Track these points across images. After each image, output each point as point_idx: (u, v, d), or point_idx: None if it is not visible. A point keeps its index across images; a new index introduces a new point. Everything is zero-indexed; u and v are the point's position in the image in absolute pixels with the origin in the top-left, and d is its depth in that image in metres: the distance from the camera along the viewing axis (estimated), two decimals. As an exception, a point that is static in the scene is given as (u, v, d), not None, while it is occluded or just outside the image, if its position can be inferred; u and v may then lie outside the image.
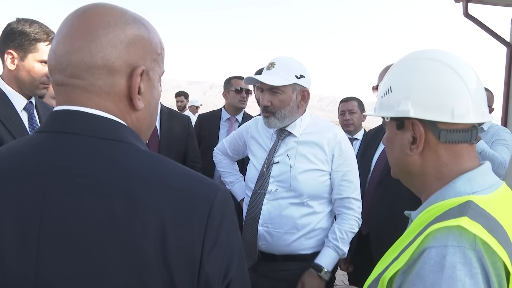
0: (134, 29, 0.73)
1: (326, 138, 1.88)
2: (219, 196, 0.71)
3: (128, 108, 0.75)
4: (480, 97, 0.89)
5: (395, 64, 0.98)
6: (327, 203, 1.94)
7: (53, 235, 0.63)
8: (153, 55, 0.77)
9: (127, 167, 0.67)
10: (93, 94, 0.71)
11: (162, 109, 2.68)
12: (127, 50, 0.71)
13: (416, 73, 0.90)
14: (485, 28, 5.64)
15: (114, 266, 0.63)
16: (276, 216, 1.87)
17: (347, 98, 3.19)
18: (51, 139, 0.69)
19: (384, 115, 0.95)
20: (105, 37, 0.70)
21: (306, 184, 1.85)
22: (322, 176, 1.88)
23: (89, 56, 0.69)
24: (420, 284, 0.73)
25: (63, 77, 0.71)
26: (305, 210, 1.87)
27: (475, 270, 0.70)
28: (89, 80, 0.70)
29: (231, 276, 0.70)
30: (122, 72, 0.72)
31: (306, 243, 1.89)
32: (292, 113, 1.88)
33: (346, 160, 1.89)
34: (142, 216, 0.64)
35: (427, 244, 0.75)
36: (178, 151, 2.66)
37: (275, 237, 1.88)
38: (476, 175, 0.87)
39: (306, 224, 1.87)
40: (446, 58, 0.90)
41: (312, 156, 1.87)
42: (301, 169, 1.86)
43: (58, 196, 0.64)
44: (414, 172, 0.92)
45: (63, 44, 0.71)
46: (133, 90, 0.73)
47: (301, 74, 1.85)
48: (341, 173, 1.88)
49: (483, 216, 0.76)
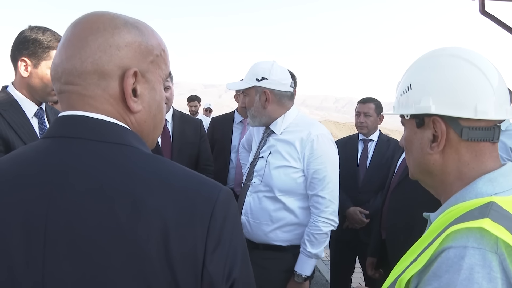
0: (124, 33, 0.74)
1: (299, 136, 1.97)
2: (221, 196, 0.71)
3: (126, 111, 0.75)
4: (503, 93, 0.87)
5: (414, 62, 0.96)
6: (304, 200, 2.00)
7: (58, 240, 0.64)
8: (149, 57, 0.77)
9: (130, 170, 0.68)
10: (89, 98, 0.72)
11: (174, 113, 2.72)
12: (116, 53, 0.72)
13: (437, 70, 0.88)
14: (503, 25, 5.51)
15: (119, 270, 0.63)
16: (255, 207, 2.04)
17: (365, 99, 3.12)
18: (55, 144, 0.71)
19: (403, 113, 0.93)
20: (94, 42, 0.71)
21: (277, 180, 1.96)
22: (295, 173, 1.96)
23: (80, 62, 0.71)
24: (435, 283, 0.71)
25: (60, 85, 0.74)
26: (278, 204, 1.99)
27: (495, 274, 0.67)
28: (82, 85, 0.72)
29: (235, 276, 0.70)
30: (113, 75, 0.73)
31: (282, 236, 2.01)
32: (260, 113, 2.03)
33: (318, 158, 1.93)
34: (145, 219, 0.64)
35: (446, 245, 0.73)
36: (191, 155, 2.70)
37: (253, 227, 2.04)
38: (499, 175, 0.84)
39: (281, 218, 1.99)
40: (467, 54, 0.88)
41: (286, 154, 1.98)
42: (274, 165, 1.99)
43: (62, 201, 0.65)
44: (435, 171, 0.90)
45: (59, 54, 0.74)
46: (126, 92, 0.74)
47: (263, 77, 1.98)
48: (312, 171, 1.94)
49: (506, 218, 0.74)
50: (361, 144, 3.11)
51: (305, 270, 1.98)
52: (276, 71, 2.00)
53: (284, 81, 2.01)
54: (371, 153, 3.04)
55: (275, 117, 2.05)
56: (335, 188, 2.00)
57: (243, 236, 0.76)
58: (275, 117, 2.05)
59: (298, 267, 1.99)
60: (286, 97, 2.04)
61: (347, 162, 3.10)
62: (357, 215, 2.92)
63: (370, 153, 3.05)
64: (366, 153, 3.06)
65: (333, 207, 1.97)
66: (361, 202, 2.96)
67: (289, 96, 2.05)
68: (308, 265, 1.98)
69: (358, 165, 3.05)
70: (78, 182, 0.66)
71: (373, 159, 3.01)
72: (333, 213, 1.97)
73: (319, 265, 4.81)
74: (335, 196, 1.99)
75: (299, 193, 1.99)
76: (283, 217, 1.99)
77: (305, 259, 1.98)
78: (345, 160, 3.13)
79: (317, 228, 1.94)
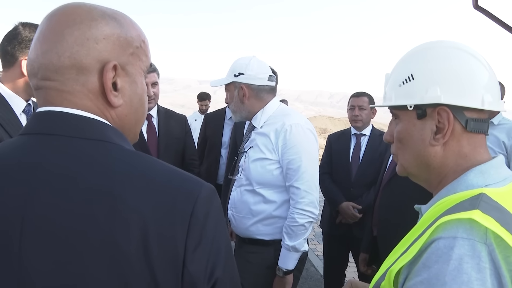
0: (102, 25, 0.71)
1: (274, 128, 1.97)
2: (203, 193, 0.69)
3: (106, 106, 0.73)
4: (498, 87, 0.89)
5: (410, 54, 0.94)
6: (284, 192, 1.98)
7: (35, 237, 0.62)
8: (129, 49, 0.75)
9: (109, 168, 0.66)
10: (67, 93, 0.70)
11: (159, 109, 2.73)
12: (95, 46, 0.70)
13: (443, 60, 0.87)
14: (496, 20, 5.52)
15: (97, 270, 0.62)
16: (237, 201, 2.06)
17: (358, 93, 3.12)
18: (32, 141, 0.69)
19: (406, 103, 0.90)
20: (71, 36, 0.69)
21: (255, 172, 1.98)
22: (271, 165, 1.96)
23: (56, 57, 0.69)
24: (425, 274, 0.71)
25: (37, 80, 0.71)
26: (257, 197, 1.99)
27: (484, 265, 0.68)
28: (60, 80, 0.70)
29: (218, 276, 0.68)
30: (92, 69, 0.70)
31: (263, 229, 2.00)
32: (239, 107, 2.07)
33: (292, 148, 1.91)
34: (124, 218, 0.63)
35: (436, 236, 0.73)
36: (177, 150, 2.72)
37: (237, 221, 2.07)
38: (490, 167, 0.84)
39: (261, 211, 1.99)
40: (467, 48, 0.89)
41: (263, 146, 1.98)
42: (252, 158, 2.01)
43: (39, 198, 0.64)
44: (434, 164, 0.89)
45: (34, 49, 0.71)
46: (105, 86, 0.71)
47: (240, 72, 2.02)
48: (286, 161, 1.92)
49: (496, 209, 0.74)
50: (353, 139, 3.10)
51: (285, 264, 1.95)
52: (252, 66, 2.02)
53: (261, 75, 2.03)
54: (364, 147, 3.04)
55: (254, 111, 2.07)
56: (312, 178, 1.94)
57: (227, 234, 0.73)
58: (254, 111, 2.07)
59: (280, 261, 1.97)
60: (264, 91, 2.05)
61: (340, 156, 3.10)
62: (350, 210, 2.92)
63: (362, 147, 3.05)
64: (358, 148, 3.06)
65: (309, 197, 1.91)
66: (353, 197, 2.97)
67: (267, 90, 2.06)
68: (288, 259, 1.95)
69: (350, 160, 3.04)
70: (55, 180, 0.64)
71: (366, 154, 3.01)
72: (310, 204, 1.92)
73: (314, 260, 4.83)
74: (311, 186, 1.92)
75: (278, 185, 1.97)
76: (263, 210, 1.98)
77: (285, 253, 1.95)
78: (338, 154, 3.14)
79: (293, 220, 1.91)
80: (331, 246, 3.16)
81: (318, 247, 5.32)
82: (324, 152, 3.29)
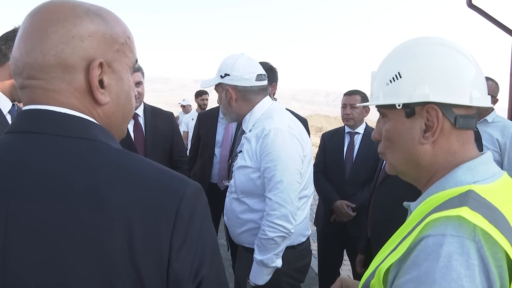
0: (86, 22, 0.71)
1: (255, 133, 1.85)
2: (188, 191, 0.68)
3: (93, 104, 0.73)
4: (484, 82, 0.89)
5: (396, 51, 0.94)
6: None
7: (19, 234, 0.62)
8: (115, 46, 0.74)
9: (94, 166, 0.66)
10: (53, 92, 0.70)
11: (145, 107, 2.73)
12: (80, 44, 0.69)
13: (430, 57, 0.87)
14: (490, 18, 5.54)
15: (81, 269, 0.62)
16: (228, 208, 1.99)
17: (351, 92, 3.10)
18: (16, 140, 0.68)
19: (394, 102, 0.89)
20: (55, 34, 0.68)
21: (238, 180, 1.89)
22: (252, 173, 1.83)
23: (41, 55, 0.68)
24: (415, 272, 0.71)
25: (22, 79, 0.71)
26: (243, 206, 1.90)
27: (472, 261, 0.68)
28: (45, 79, 0.69)
29: (203, 274, 0.68)
30: (78, 67, 0.70)
31: (250, 239, 1.88)
32: (227, 110, 1.97)
33: (268, 155, 1.77)
34: (108, 216, 0.63)
35: (425, 233, 0.73)
36: (165, 148, 2.72)
37: (229, 228, 2.01)
38: (478, 164, 0.84)
39: (248, 220, 1.89)
40: (453, 44, 0.89)
41: (245, 152, 1.87)
42: (237, 165, 1.92)
43: (24, 196, 0.63)
44: (423, 162, 0.89)
45: (18, 47, 0.70)
46: (92, 84, 0.71)
47: (226, 73, 1.90)
48: (263, 169, 1.79)
49: (485, 206, 0.74)
50: (347, 137, 3.10)
51: (254, 278, 1.83)
52: (238, 66, 1.89)
53: (247, 75, 1.88)
54: (357, 146, 3.04)
55: (243, 114, 1.96)
56: (287, 189, 1.75)
57: (213, 233, 0.73)
58: (243, 114, 1.96)
59: (250, 274, 1.86)
60: (251, 92, 1.91)
61: (334, 155, 3.10)
62: (344, 209, 2.92)
63: (356, 146, 3.04)
64: (352, 146, 3.05)
65: (282, 210, 1.74)
66: (347, 195, 2.96)
67: (255, 91, 1.92)
68: (257, 273, 1.82)
69: (344, 158, 3.04)
70: (39, 179, 0.64)
71: (359, 152, 3.01)
72: (282, 217, 1.74)
73: (308, 258, 4.82)
74: (285, 198, 1.74)
75: (261, 194, 1.83)
76: (249, 219, 1.88)
77: (255, 266, 1.82)
78: (331, 153, 3.14)
79: (263, 233, 1.76)
80: (325, 244, 3.16)
81: (313, 245, 5.33)
82: (318, 150, 3.29)
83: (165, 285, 0.65)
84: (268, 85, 2.02)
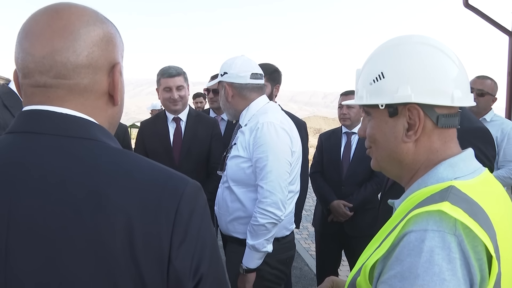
0: (108, 27, 0.76)
1: (249, 126, 2.00)
2: (188, 190, 0.70)
3: (105, 105, 0.77)
4: (467, 81, 0.91)
5: (380, 50, 0.94)
6: (256, 191, 1.96)
7: (21, 235, 0.63)
8: (122, 51, 0.80)
9: (94, 166, 0.67)
10: (77, 93, 0.72)
11: (189, 113, 2.77)
12: (106, 47, 0.74)
13: (412, 58, 0.87)
14: (486, 18, 5.57)
15: (83, 268, 0.63)
16: (220, 197, 2.11)
17: (347, 92, 3.11)
18: (18, 140, 0.69)
19: (377, 102, 0.90)
20: (87, 35, 0.71)
21: (230, 169, 2.02)
22: (243, 163, 1.97)
23: (75, 55, 0.70)
24: (398, 267, 0.72)
25: (46, 78, 0.70)
26: (233, 195, 2.02)
27: (454, 255, 0.70)
28: (75, 79, 0.71)
29: (203, 272, 0.69)
30: (104, 69, 0.74)
31: (239, 228, 2.02)
32: (226, 106, 2.13)
33: (260, 146, 1.91)
34: (109, 215, 0.64)
35: (407, 229, 0.75)
36: (200, 154, 2.71)
37: (219, 217, 2.11)
38: (459, 161, 0.86)
39: (236, 209, 2.01)
40: (436, 42, 0.89)
41: (239, 144, 2.02)
42: (231, 155, 2.05)
43: (25, 196, 0.64)
44: (406, 160, 0.90)
45: (41, 45, 0.69)
46: (115, 86, 0.76)
47: (225, 72, 2.07)
48: (255, 160, 1.93)
49: (465, 200, 0.76)
50: (344, 137, 3.11)
51: (247, 262, 1.95)
52: (236, 64, 2.05)
53: (242, 73, 2.03)
54: (354, 146, 3.04)
55: (239, 110, 2.10)
56: (277, 178, 1.89)
57: (212, 231, 0.74)
58: (239, 110, 2.10)
59: (243, 258, 1.97)
60: (246, 89, 2.06)
61: (331, 155, 3.11)
62: (341, 208, 2.93)
63: (353, 146, 3.05)
64: (349, 146, 3.06)
65: (272, 198, 1.87)
66: (345, 195, 2.97)
67: (250, 88, 2.06)
68: (249, 257, 1.94)
69: (341, 158, 3.05)
70: (40, 179, 0.65)
71: (356, 152, 3.01)
72: (273, 205, 1.88)
73: (307, 259, 4.83)
74: (275, 187, 1.88)
75: (251, 184, 1.96)
76: (238, 208, 2.00)
77: (247, 251, 1.95)
78: (328, 153, 3.14)
79: (254, 219, 1.89)
80: (323, 244, 3.16)
81: (312, 246, 5.32)
82: (315, 151, 3.30)
83: (165, 282, 0.67)
84: (273, 86, 2.27)
